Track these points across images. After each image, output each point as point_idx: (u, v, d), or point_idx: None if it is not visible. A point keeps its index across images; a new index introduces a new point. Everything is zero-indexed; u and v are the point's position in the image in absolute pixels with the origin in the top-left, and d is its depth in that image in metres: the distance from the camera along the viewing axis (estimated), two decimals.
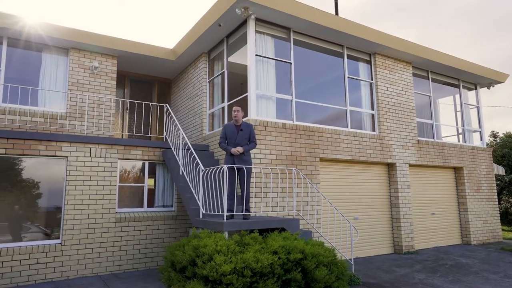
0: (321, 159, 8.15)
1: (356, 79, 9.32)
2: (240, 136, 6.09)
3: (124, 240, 7.33)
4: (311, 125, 8.06)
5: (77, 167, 7.09)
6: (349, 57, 9.23)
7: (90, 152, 7.25)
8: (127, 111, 10.53)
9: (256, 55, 7.60)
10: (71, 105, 8.65)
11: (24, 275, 6.41)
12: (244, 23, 7.80)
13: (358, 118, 9.22)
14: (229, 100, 8.34)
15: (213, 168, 6.13)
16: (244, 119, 7.23)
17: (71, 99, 8.66)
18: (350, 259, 6.79)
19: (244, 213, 5.99)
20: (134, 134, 10.26)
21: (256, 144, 6.20)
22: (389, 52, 9.61)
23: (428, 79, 11.00)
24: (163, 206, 8.05)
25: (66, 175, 6.98)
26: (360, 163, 8.96)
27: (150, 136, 10.79)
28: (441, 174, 10.79)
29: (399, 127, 9.66)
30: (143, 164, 7.92)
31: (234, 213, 6.03)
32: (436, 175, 10.66)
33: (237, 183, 6.23)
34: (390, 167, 9.49)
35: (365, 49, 9.41)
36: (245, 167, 5.98)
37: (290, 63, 8.10)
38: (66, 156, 7.03)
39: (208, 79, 9.16)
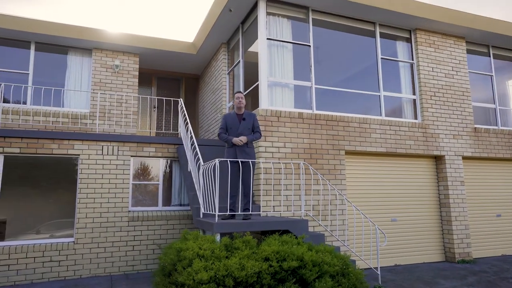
0: (347, 152, 7.17)
1: (392, 60, 8.12)
2: (242, 126, 5.51)
3: (138, 239, 7.12)
4: (335, 114, 7.13)
5: (89, 165, 7.03)
6: (382, 35, 8.07)
7: (102, 149, 7.16)
8: (155, 109, 10.47)
9: (267, 38, 6.91)
10: (94, 104, 8.74)
11: (38, 272, 6.48)
12: (256, 5, 7.15)
13: (395, 104, 8.02)
14: (245, 91, 7.75)
15: (212, 163, 5.59)
16: (254, 110, 6.60)
17: (94, 99, 8.76)
18: (376, 268, 5.80)
19: (245, 212, 5.40)
20: (162, 131, 10.17)
21: (261, 134, 5.56)
22: (433, 26, 8.23)
23: (489, 56, 9.29)
24: (180, 205, 7.72)
25: (79, 173, 6.96)
26: (398, 156, 7.76)
27: (178, 133, 10.60)
28: (509, 168, 9.04)
29: (449, 113, 8.22)
30: (158, 161, 7.67)
31: (236, 213, 5.46)
32: (501, 170, 8.95)
33: (228, 180, 5.62)
34: (438, 160, 8.12)
35: (402, 25, 8.16)
36: (240, 161, 5.36)
37: (309, 45, 7.26)
38: (78, 155, 7.01)
39: (228, 70, 8.66)
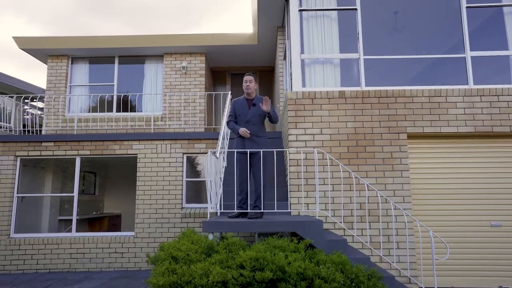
0: (410, 136, 5.52)
1: (488, 6, 5.94)
2: (252, 112, 4.88)
3: None
4: (391, 89, 5.60)
5: (145, 164, 7.39)
6: None
7: (157, 148, 7.44)
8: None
9: (300, 10, 5.94)
10: (165, 106, 9.22)
11: (106, 262, 7.12)
12: None
13: (492, 67, 5.84)
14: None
15: (208, 153, 5.08)
16: (283, 93, 5.76)
17: (166, 101, 9.23)
18: None
19: (255, 210, 4.72)
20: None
21: (278, 117, 4.87)
22: None
23: None
24: None
25: (137, 171, 7.38)
26: (495, 137, 5.58)
27: None
28: None
29: None
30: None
31: (248, 211, 4.82)
32: None
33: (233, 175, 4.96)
34: None
35: None
36: (250, 152, 4.70)
37: (355, 9, 5.93)
38: (136, 154, 7.45)
39: (283, 55, 7.90)
